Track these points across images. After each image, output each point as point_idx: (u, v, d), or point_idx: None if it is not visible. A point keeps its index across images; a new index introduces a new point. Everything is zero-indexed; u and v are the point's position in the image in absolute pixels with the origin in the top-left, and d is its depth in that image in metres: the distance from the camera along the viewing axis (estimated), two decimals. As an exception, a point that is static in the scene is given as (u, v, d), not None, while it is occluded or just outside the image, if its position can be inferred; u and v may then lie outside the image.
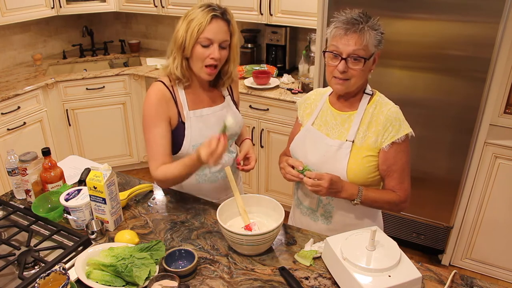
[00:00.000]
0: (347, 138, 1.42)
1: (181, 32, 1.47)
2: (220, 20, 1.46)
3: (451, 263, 2.67)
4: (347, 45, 1.32)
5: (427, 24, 2.16)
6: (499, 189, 2.36)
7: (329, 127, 1.48)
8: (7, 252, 1.34)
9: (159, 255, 1.27)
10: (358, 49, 1.32)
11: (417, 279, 1.15)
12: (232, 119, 1.45)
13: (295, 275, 1.27)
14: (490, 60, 2.08)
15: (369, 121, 1.42)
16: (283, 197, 3.06)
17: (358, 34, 1.31)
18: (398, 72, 2.33)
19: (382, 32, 1.37)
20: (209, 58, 1.47)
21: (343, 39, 1.33)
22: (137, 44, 3.98)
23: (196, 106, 1.59)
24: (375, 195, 1.43)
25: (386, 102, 1.45)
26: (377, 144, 1.41)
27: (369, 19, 1.35)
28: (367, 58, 1.34)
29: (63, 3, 3.43)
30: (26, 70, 3.43)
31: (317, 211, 1.53)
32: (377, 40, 1.35)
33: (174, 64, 1.51)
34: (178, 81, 1.55)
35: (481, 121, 2.22)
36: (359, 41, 1.31)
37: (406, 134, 1.40)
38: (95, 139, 3.55)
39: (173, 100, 1.55)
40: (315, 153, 1.48)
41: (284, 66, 3.30)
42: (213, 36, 1.45)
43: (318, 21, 2.44)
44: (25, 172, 1.55)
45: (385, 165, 1.43)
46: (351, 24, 1.32)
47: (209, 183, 1.67)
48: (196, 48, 1.46)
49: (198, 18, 1.43)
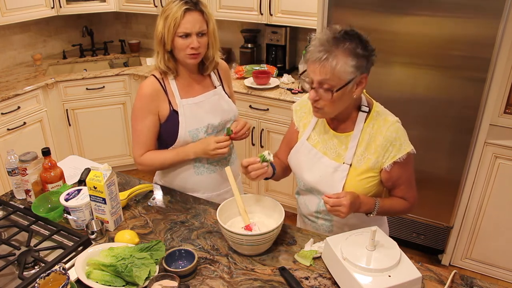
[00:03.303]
0: (345, 161, 1.37)
1: (159, 28, 1.55)
2: (194, 12, 1.52)
3: (451, 263, 2.67)
4: (314, 74, 1.23)
5: (427, 23, 2.16)
6: (499, 189, 2.36)
7: (327, 146, 1.42)
8: (7, 252, 1.34)
9: (159, 255, 1.27)
10: (325, 79, 1.22)
11: (417, 279, 1.15)
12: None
13: (295, 275, 1.27)
14: (490, 60, 2.08)
15: (368, 142, 1.35)
16: (283, 197, 3.06)
17: (323, 63, 1.20)
18: (398, 71, 2.33)
19: (366, 53, 1.23)
20: (189, 48, 1.54)
21: (311, 67, 1.24)
22: (137, 44, 3.98)
23: (188, 94, 1.66)
24: (389, 206, 1.41)
25: (384, 118, 1.36)
26: (378, 164, 1.36)
27: (343, 43, 1.21)
28: (337, 90, 1.22)
29: (63, 3, 3.43)
30: (26, 70, 3.43)
31: (317, 222, 1.52)
32: (352, 67, 1.21)
33: (158, 58, 1.60)
34: (165, 73, 1.63)
35: (481, 121, 2.22)
36: (323, 70, 1.21)
37: (408, 152, 1.34)
38: (95, 139, 3.55)
39: (163, 91, 1.62)
40: (311, 171, 1.44)
41: (284, 66, 3.30)
42: (189, 28, 1.52)
43: (318, 21, 2.44)
44: (25, 172, 1.55)
45: (389, 182, 1.40)
46: (318, 52, 1.21)
47: (208, 173, 1.71)
48: (176, 40, 1.54)
49: (173, 13, 1.50)
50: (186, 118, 1.62)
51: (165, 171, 1.74)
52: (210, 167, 1.71)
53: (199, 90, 1.68)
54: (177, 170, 1.70)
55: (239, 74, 3.17)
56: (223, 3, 3.14)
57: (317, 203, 1.48)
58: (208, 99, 1.68)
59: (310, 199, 1.50)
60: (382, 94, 1.47)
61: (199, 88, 1.68)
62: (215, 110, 1.68)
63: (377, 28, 2.27)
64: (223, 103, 1.71)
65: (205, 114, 1.65)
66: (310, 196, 1.50)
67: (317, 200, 1.47)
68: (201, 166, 1.70)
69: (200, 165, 1.69)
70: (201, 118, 1.64)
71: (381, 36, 2.27)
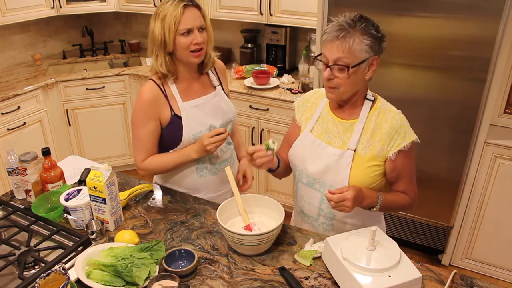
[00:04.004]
0: (349, 147, 1.39)
1: (157, 30, 1.52)
2: (192, 7, 1.52)
3: (451, 263, 2.67)
4: (330, 52, 1.29)
5: (427, 24, 2.16)
6: (499, 189, 2.36)
7: (331, 135, 1.44)
8: (7, 252, 1.34)
9: (159, 255, 1.27)
10: (341, 57, 1.27)
11: (417, 279, 1.15)
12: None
13: (295, 275, 1.27)
14: (490, 60, 2.08)
15: (373, 129, 1.38)
16: (283, 197, 3.06)
17: (340, 41, 1.26)
18: (398, 71, 2.33)
19: (379, 35, 1.30)
20: (193, 44, 1.52)
21: (328, 46, 1.30)
22: (137, 44, 3.98)
23: (189, 97, 1.64)
24: (391, 200, 1.42)
25: (389, 108, 1.41)
26: (383, 153, 1.38)
27: (360, 23, 1.28)
28: (352, 66, 1.28)
29: (63, 3, 3.43)
30: (26, 70, 3.43)
31: (318, 219, 1.52)
32: (367, 46, 1.28)
33: (158, 62, 1.57)
34: (165, 77, 1.60)
35: (481, 121, 2.22)
36: (341, 48, 1.26)
37: (412, 141, 1.38)
38: (95, 139, 3.55)
39: (163, 96, 1.59)
40: (315, 162, 1.44)
41: (284, 66, 3.30)
42: (191, 24, 1.51)
43: (318, 21, 2.44)
44: (25, 172, 1.55)
45: (394, 173, 1.41)
46: (335, 31, 1.27)
47: (210, 175, 1.71)
48: (178, 39, 1.51)
49: (171, 13, 1.48)
50: (190, 121, 1.61)
51: (167, 173, 1.73)
52: (212, 169, 1.71)
53: (199, 91, 1.67)
54: (180, 172, 1.70)
55: (239, 74, 3.17)
56: (223, 3, 3.15)
57: (319, 199, 1.46)
58: (209, 101, 1.67)
59: (311, 195, 1.49)
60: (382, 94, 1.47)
61: (199, 89, 1.67)
62: (216, 112, 1.68)
63: (377, 28, 2.27)
64: (223, 104, 1.71)
65: (206, 116, 1.65)
66: (311, 192, 1.48)
67: (319, 195, 1.46)
68: (204, 168, 1.69)
69: (203, 167, 1.69)
70: (203, 120, 1.64)
71: (381, 36, 2.27)
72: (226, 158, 1.74)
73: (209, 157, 1.68)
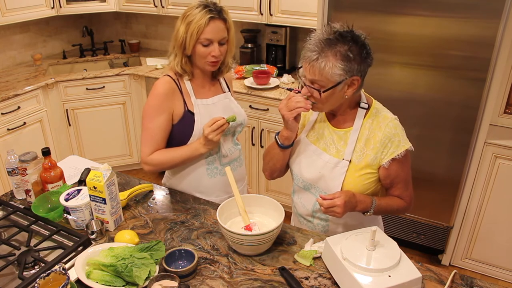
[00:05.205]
0: (344, 157, 1.38)
1: (181, 32, 1.53)
2: (217, 20, 1.52)
3: (451, 263, 2.67)
4: (306, 72, 1.28)
5: (427, 23, 2.16)
6: (499, 189, 2.36)
7: (327, 142, 1.43)
8: (7, 252, 1.35)
9: (159, 255, 1.27)
10: (315, 79, 1.26)
11: (417, 279, 1.15)
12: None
13: (295, 275, 1.27)
14: (490, 60, 2.08)
15: (367, 138, 1.37)
16: (283, 197, 3.06)
17: (312, 64, 1.24)
18: (398, 71, 2.33)
19: (360, 57, 1.23)
20: (211, 55, 1.55)
21: (304, 65, 1.28)
22: (137, 44, 3.98)
23: (202, 95, 1.67)
24: (385, 204, 1.42)
25: (384, 115, 1.38)
26: (376, 161, 1.37)
27: (336, 44, 1.22)
28: (324, 91, 1.26)
29: (63, 3, 3.43)
30: (26, 70, 3.43)
31: (313, 221, 1.53)
32: (340, 69, 1.22)
33: (175, 61, 1.60)
34: (181, 75, 1.63)
35: (481, 121, 2.22)
36: (313, 71, 1.25)
37: (406, 149, 1.36)
38: (95, 139, 3.55)
39: (179, 91, 1.62)
40: (310, 168, 1.45)
41: (284, 66, 3.30)
42: (212, 36, 1.52)
43: (318, 21, 2.44)
44: (25, 172, 1.55)
45: (387, 179, 1.41)
46: (310, 51, 1.25)
47: (221, 176, 1.72)
48: (197, 47, 1.54)
49: (197, 20, 1.49)
50: (201, 118, 1.62)
51: (177, 173, 1.72)
52: (222, 170, 1.71)
53: (211, 92, 1.69)
54: (190, 172, 1.70)
55: (239, 74, 3.17)
56: (223, 3, 3.13)
57: (313, 202, 1.48)
58: (220, 101, 1.70)
59: (306, 198, 1.50)
60: (382, 94, 1.48)
61: (211, 91, 1.70)
62: (227, 111, 1.69)
63: (377, 28, 2.27)
64: (233, 107, 1.73)
65: (218, 114, 1.64)
66: (307, 195, 1.50)
67: (313, 199, 1.47)
68: (214, 168, 1.70)
69: (213, 167, 1.70)
70: (215, 116, 1.63)
71: (381, 36, 2.27)
72: (234, 158, 1.75)
73: (218, 157, 1.69)
